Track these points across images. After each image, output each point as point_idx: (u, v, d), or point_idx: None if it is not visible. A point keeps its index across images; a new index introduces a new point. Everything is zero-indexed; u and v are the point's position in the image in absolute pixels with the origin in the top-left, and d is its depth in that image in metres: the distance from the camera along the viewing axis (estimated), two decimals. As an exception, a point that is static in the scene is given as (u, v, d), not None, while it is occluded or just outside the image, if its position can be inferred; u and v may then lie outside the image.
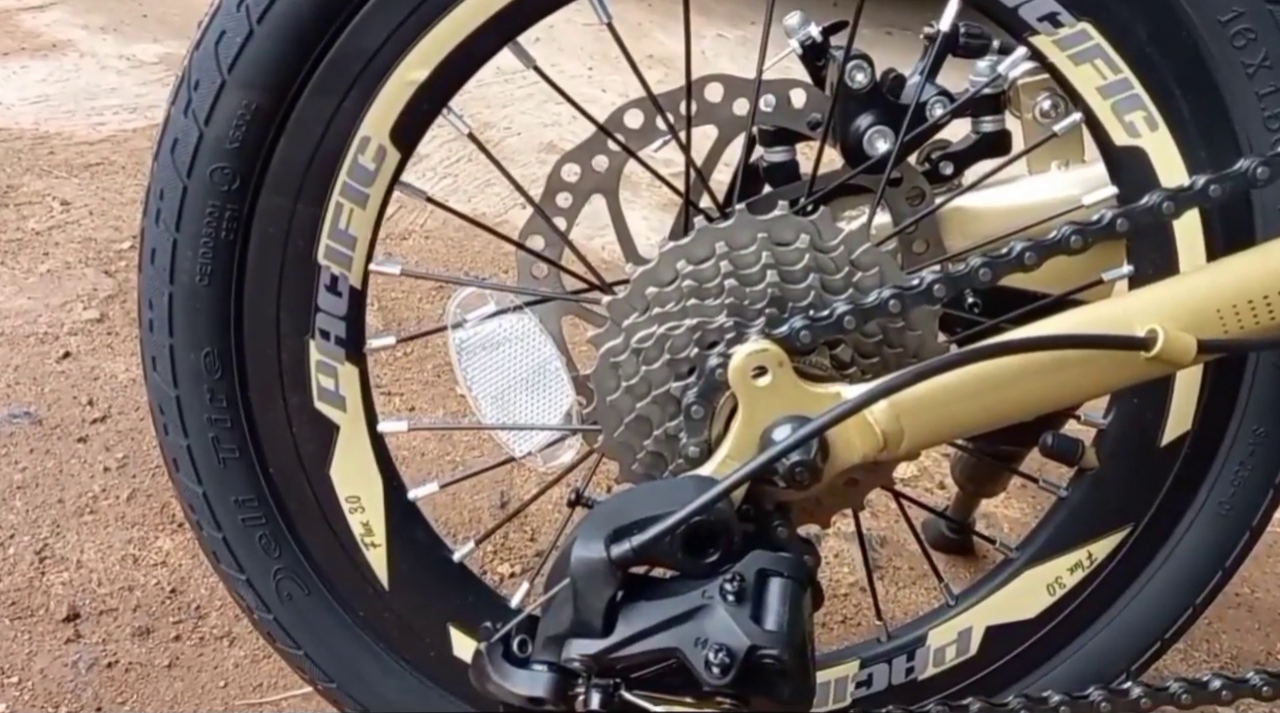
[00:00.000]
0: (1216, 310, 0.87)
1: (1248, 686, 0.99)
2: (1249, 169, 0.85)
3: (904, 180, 1.17)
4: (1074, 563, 1.13)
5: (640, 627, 0.80)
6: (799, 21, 1.17)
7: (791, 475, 0.84)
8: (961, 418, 0.89)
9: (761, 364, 0.88)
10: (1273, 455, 1.07)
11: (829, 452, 0.88)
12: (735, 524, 0.83)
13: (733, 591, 0.81)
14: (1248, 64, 0.95)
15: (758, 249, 0.93)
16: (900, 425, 0.87)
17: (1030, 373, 0.88)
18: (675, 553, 0.82)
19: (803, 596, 0.83)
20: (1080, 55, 0.96)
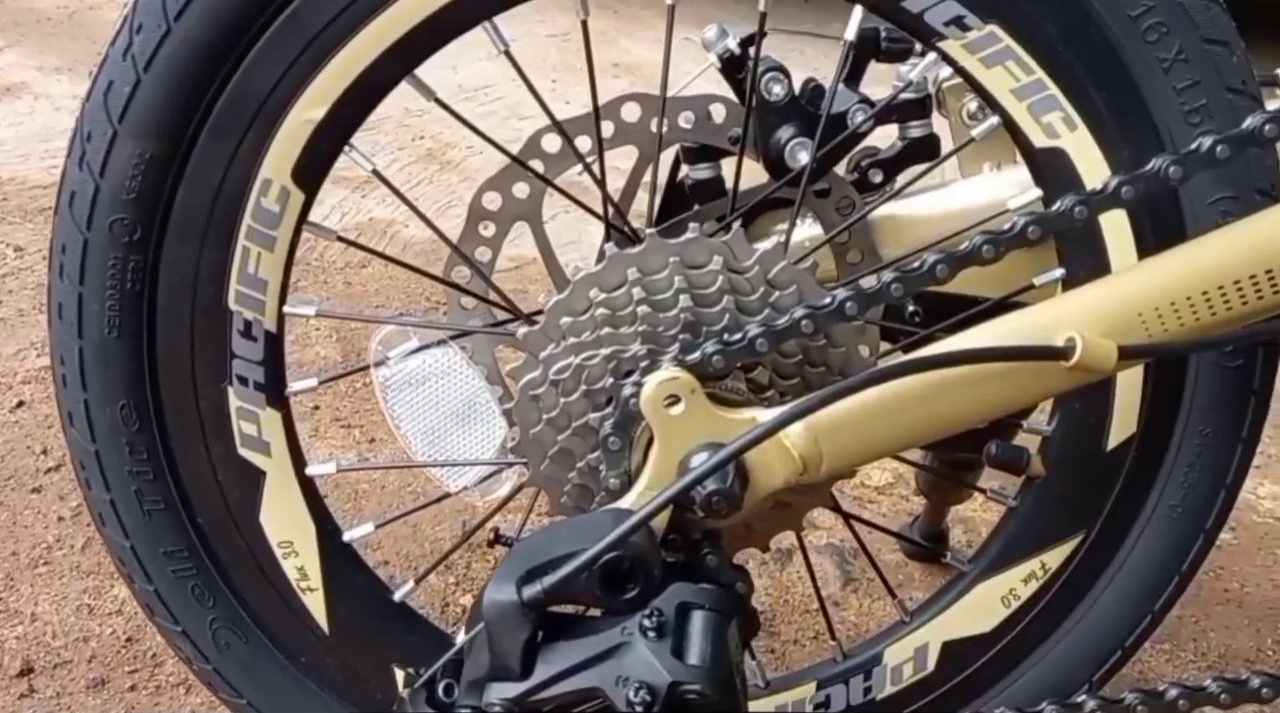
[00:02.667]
0: (1139, 314, 0.85)
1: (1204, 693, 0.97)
2: (1161, 168, 0.83)
3: (832, 191, 1.15)
4: (1027, 574, 1.11)
5: (560, 668, 0.79)
6: (716, 34, 1.15)
7: (709, 505, 0.82)
8: (883, 437, 0.87)
9: (673, 392, 0.86)
10: (1222, 456, 1.05)
11: (749, 478, 0.86)
12: (654, 558, 0.81)
13: (652, 626, 0.79)
14: (1162, 59, 0.93)
15: (670, 274, 0.92)
16: (819, 448, 0.86)
17: (951, 388, 0.86)
18: (594, 590, 0.80)
19: (727, 627, 0.81)
20: (991, 58, 0.95)
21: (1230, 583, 1.90)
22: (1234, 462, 1.05)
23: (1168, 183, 0.84)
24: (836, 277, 1.13)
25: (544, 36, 3.63)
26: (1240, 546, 2.00)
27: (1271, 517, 2.08)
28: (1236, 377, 1.02)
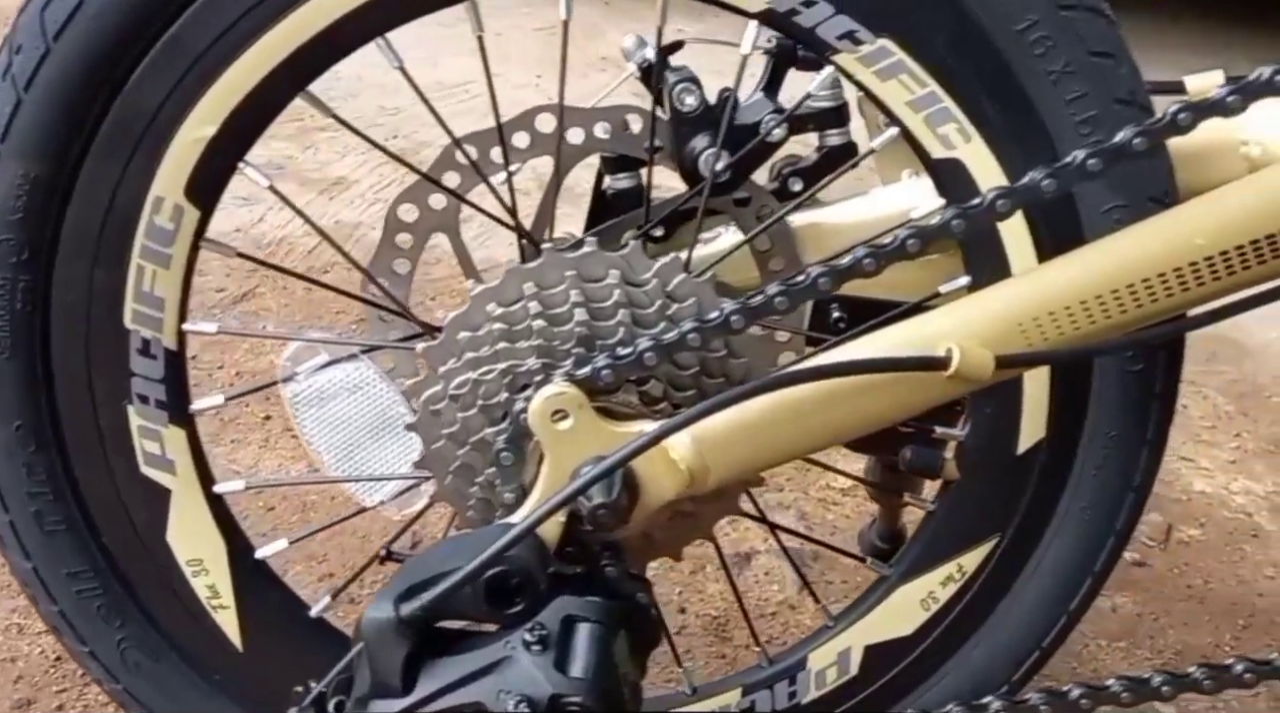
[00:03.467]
0: (1018, 324, 0.86)
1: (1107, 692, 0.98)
2: (1035, 182, 0.84)
3: (753, 200, 1.15)
4: (945, 576, 1.12)
5: (441, 683, 0.80)
6: (634, 44, 1.16)
7: (595, 518, 0.83)
8: (770, 448, 0.87)
9: (560, 407, 0.87)
10: (1129, 458, 1.06)
11: (638, 491, 0.86)
12: (538, 572, 0.82)
13: (534, 640, 0.80)
14: (1050, 71, 0.94)
15: (566, 288, 0.92)
16: (705, 460, 0.86)
17: (836, 398, 0.87)
18: (479, 605, 0.81)
19: (614, 639, 0.82)
20: (885, 71, 0.95)
21: (1194, 579, 1.90)
22: (1140, 464, 1.06)
23: (1042, 196, 0.84)
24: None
25: (531, 30, 3.62)
26: (1208, 542, 2.00)
27: (1243, 513, 2.08)
28: (1138, 381, 1.03)
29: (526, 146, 1.14)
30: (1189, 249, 0.87)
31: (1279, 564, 1.96)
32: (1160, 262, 0.87)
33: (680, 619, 1.68)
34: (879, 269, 0.86)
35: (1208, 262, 0.87)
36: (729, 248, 1.07)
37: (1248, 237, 0.87)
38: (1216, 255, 0.87)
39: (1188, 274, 0.87)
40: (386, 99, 3.03)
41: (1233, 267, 0.87)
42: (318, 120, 3.08)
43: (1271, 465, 2.23)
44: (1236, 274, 0.88)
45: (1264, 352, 2.61)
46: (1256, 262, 0.88)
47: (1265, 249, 0.87)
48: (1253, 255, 0.87)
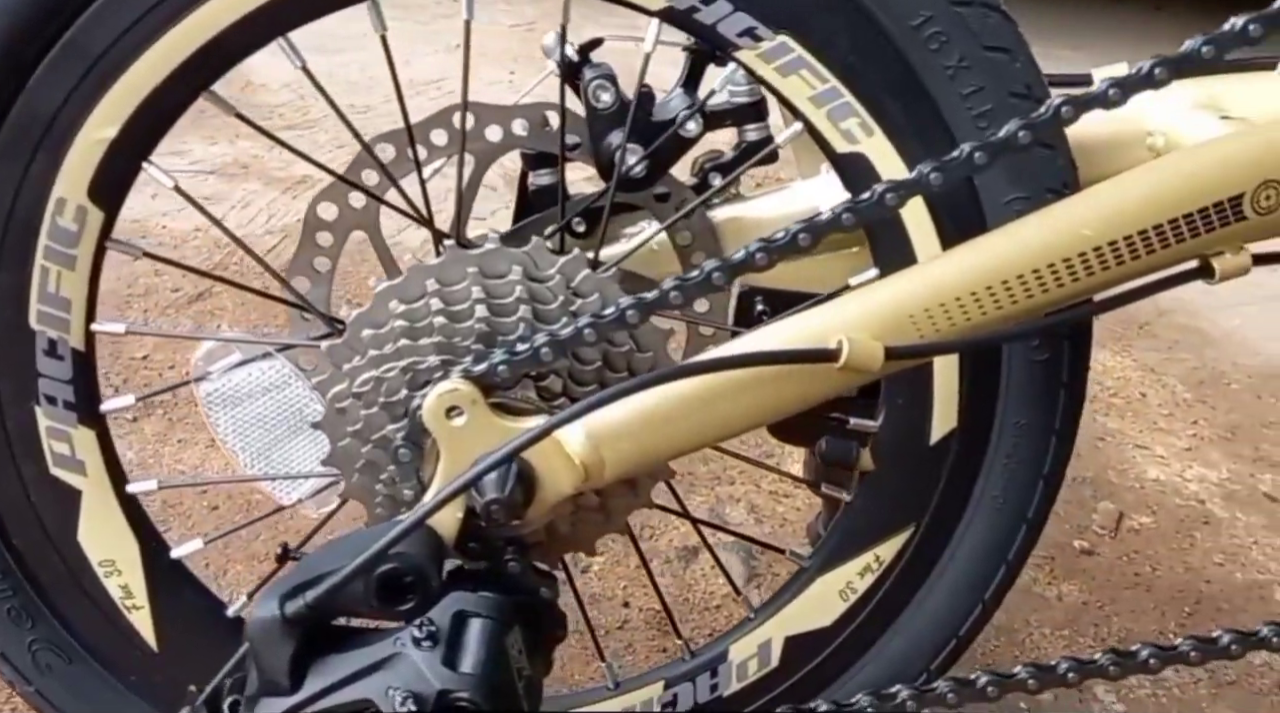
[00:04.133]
0: (909, 316, 0.87)
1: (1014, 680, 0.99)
2: (922, 177, 0.84)
3: (672, 195, 1.16)
4: (863, 567, 1.13)
5: (329, 681, 0.80)
6: (554, 41, 1.16)
7: (489, 514, 0.84)
8: (665, 442, 0.88)
9: (454, 404, 0.87)
10: (1038, 447, 1.07)
11: (535, 485, 0.87)
12: (430, 568, 0.82)
13: (423, 636, 0.80)
14: (946, 66, 0.95)
15: (468, 285, 0.93)
16: (600, 454, 0.87)
17: (731, 391, 0.87)
18: (370, 602, 0.82)
19: (506, 634, 0.83)
20: (786, 67, 0.96)
21: (1142, 567, 1.91)
22: (1049, 452, 1.07)
23: (930, 189, 0.85)
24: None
25: (507, 27, 3.63)
26: (1158, 529, 2.01)
27: (1195, 500, 2.09)
28: (1045, 370, 1.04)
29: (444, 144, 1.14)
30: (1077, 240, 0.88)
31: (1228, 551, 1.96)
32: (1048, 253, 0.88)
33: (624, 614, 1.69)
34: (771, 263, 0.86)
35: (1096, 252, 0.88)
36: (637, 244, 1.07)
37: (1135, 227, 0.87)
38: (1105, 246, 0.88)
39: (1077, 265, 0.88)
40: (356, 97, 3.04)
41: (1122, 257, 0.88)
42: (287, 118, 3.09)
43: (1227, 452, 2.24)
44: (1126, 264, 0.89)
45: (1226, 340, 2.63)
46: (1145, 252, 0.88)
47: (1154, 239, 0.88)
48: (1141, 246, 0.88)
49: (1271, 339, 2.63)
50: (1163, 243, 0.89)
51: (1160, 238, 0.88)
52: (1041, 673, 0.98)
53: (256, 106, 3.20)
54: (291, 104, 3.19)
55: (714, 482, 2.01)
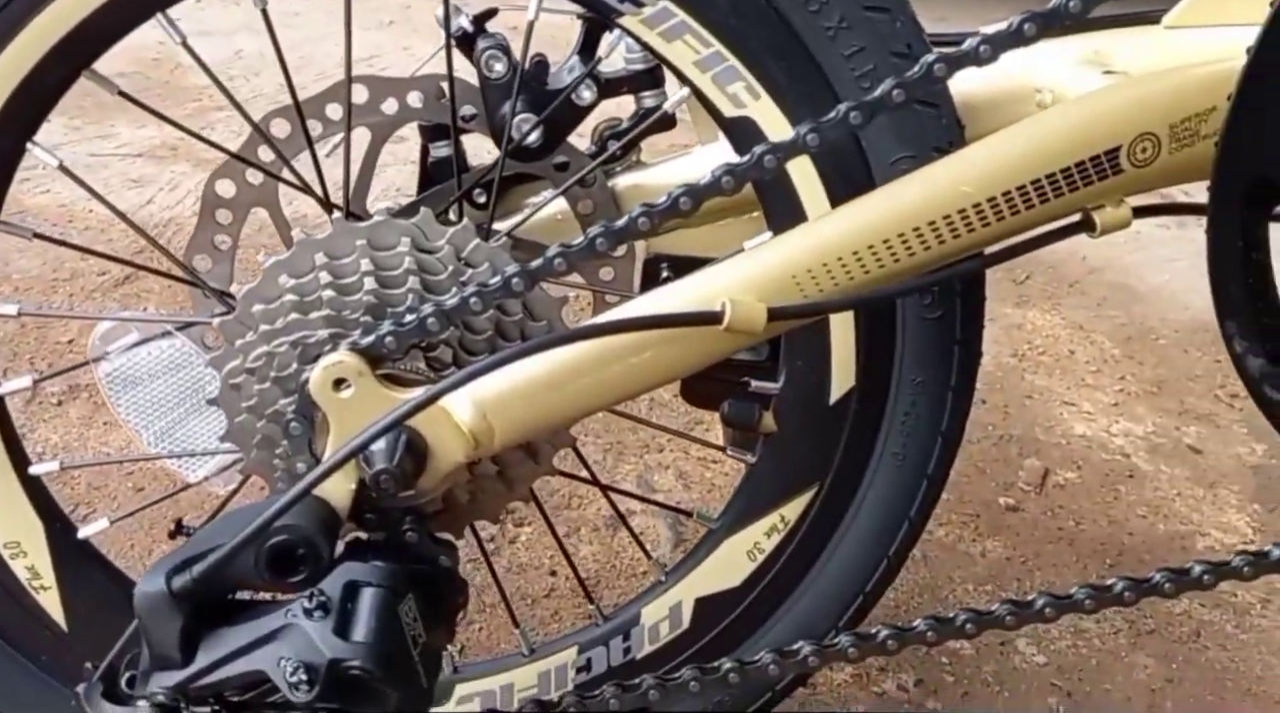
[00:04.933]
0: (792, 277, 0.88)
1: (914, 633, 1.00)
2: (800, 138, 0.85)
3: (571, 163, 1.17)
4: (769, 527, 1.14)
5: (221, 653, 0.80)
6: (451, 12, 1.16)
7: (378, 484, 0.84)
8: (554, 408, 0.89)
9: (340, 376, 0.88)
10: (935, 404, 1.08)
11: (425, 455, 0.88)
12: (320, 539, 0.82)
13: (314, 606, 0.81)
14: (827, 27, 0.95)
15: (356, 258, 0.93)
16: (488, 422, 0.87)
17: (618, 356, 0.88)
18: (262, 575, 0.82)
19: (398, 603, 0.83)
20: (669, 32, 0.97)
21: (1065, 522, 1.94)
22: (947, 409, 1.08)
23: (807, 150, 0.86)
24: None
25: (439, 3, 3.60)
26: (1083, 484, 2.04)
27: (1120, 454, 2.12)
28: (939, 328, 1.05)
29: (339, 118, 1.14)
30: (956, 197, 0.89)
31: (1152, 504, 2.00)
32: (928, 211, 0.89)
33: (550, 582, 1.70)
34: (655, 228, 0.87)
35: (976, 209, 0.89)
36: (528, 213, 1.07)
37: (1012, 183, 0.89)
38: (984, 202, 0.89)
39: (957, 222, 0.89)
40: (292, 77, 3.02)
41: (1001, 213, 0.89)
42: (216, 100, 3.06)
43: (1153, 406, 2.27)
44: (1006, 220, 0.90)
45: (1155, 296, 2.67)
46: (1025, 207, 0.90)
47: (1032, 195, 0.89)
48: (1020, 201, 0.89)
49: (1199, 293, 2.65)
50: (1041, 198, 0.90)
51: (1039, 193, 0.90)
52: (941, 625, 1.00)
53: (186, 88, 3.17)
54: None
55: (643, 450, 2.02)
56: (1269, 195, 0.88)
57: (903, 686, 1.56)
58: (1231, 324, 0.91)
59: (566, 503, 1.84)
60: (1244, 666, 1.63)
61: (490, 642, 1.57)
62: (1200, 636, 1.69)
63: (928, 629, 1.01)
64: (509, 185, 1.20)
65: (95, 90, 1.01)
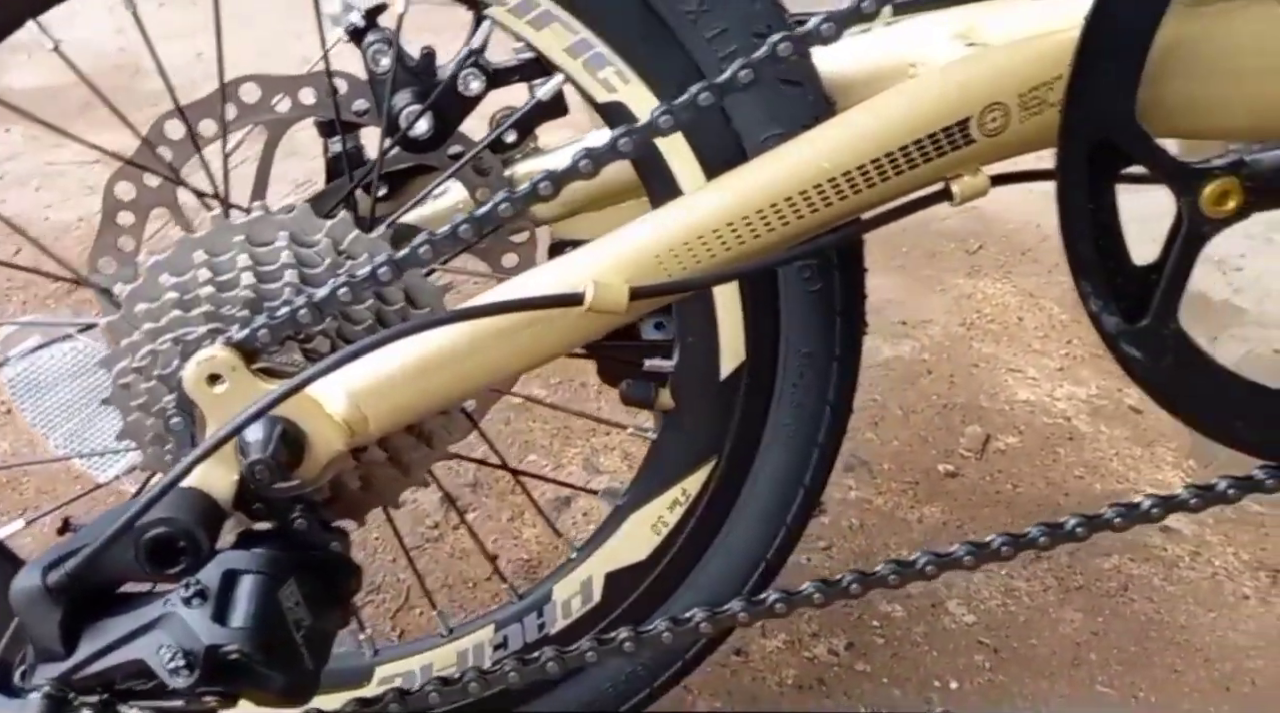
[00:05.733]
0: (655, 257, 0.90)
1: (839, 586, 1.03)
2: (655, 120, 0.88)
3: (466, 153, 1.19)
4: (672, 500, 1.17)
5: (101, 644, 0.83)
6: (341, 8, 1.18)
7: (253, 474, 0.87)
8: (427, 393, 0.91)
9: (214, 371, 0.90)
10: (821, 374, 1.11)
11: (304, 444, 0.90)
12: (198, 531, 0.85)
13: (191, 594, 0.84)
14: (688, 11, 0.98)
15: (235, 254, 0.95)
16: (361, 410, 0.90)
17: (488, 340, 0.91)
18: (142, 567, 0.85)
19: (278, 588, 0.86)
20: (537, 20, 0.99)
21: (1003, 485, 1.97)
22: (832, 379, 1.11)
23: (662, 133, 0.88)
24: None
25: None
26: (1024, 447, 2.07)
27: (1062, 417, 2.15)
28: (819, 300, 1.08)
29: (234, 117, 1.16)
30: (814, 172, 0.91)
31: (1090, 464, 2.03)
32: (787, 186, 0.92)
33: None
34: (518, 214, 0.90)
35: (832, 183, 0.92)
36: (411, 203, 1.10)
37: (867, 157, 0.91)
38: (840, 177, 0.91)
39: (814, 196, 0.92)
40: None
41: (858, 186, 0.92)
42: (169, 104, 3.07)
43: (1098, 369, 2.30)
44: (863, 193, 0.93)
45: (1105, 259, 2.67)
46: (880, 179, 0.92)
47: (887, 168, 0.92)
48: (875, 175, 0.92)
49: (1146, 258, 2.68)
50: (895, 171, 0.93)
51: (893, 166, 0.92)
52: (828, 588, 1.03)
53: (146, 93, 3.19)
54: (181, 89, 3.18)
55: (589, 433, 2.05)
56: (1113, 158, 0.90)
57: (833, 649, 1.59)
58: (1086, 284, 0.93)
59: (512, 487, 1.86)
60: (1169, 617, 1.66)
61: (432, 625, 1.59)
62: (1128, 589, 1.72)
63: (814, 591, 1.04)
64: (410, 178, 1.22)
65: (55, 100, 1.03)
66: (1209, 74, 0.92)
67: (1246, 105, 0.93)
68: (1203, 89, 0.93)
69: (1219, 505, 1.03)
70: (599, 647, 1.04)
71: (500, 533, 1.80)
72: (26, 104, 1.17)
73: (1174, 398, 0.97)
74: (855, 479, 1.96)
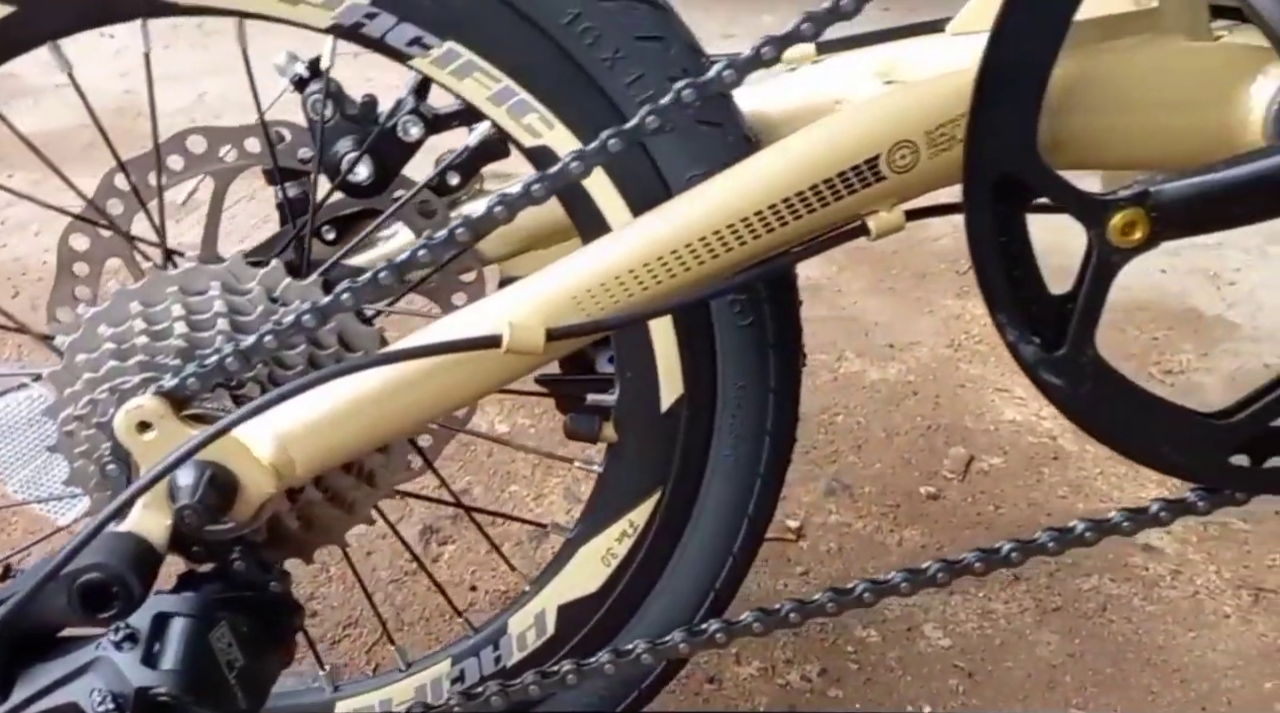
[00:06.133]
0: (573, 297, 0.92)
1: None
2: (567, 165, 0.90)
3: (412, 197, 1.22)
4: (620, 533, 1.19)
5: (35, 688, 0.86)
6: (286, 60, 1.21)
7: (183, 519, 0.89)
8: (355, 436, 0.94)
9: (143, 419, 0.93)
10: (758, 405, 1.13)
11: (235, 488, 0.93)
12: (129, 576, 0.88)
13: (120, 639, 0.86)
14: (604, 58, 1.00)
15: (169, 304, 0.98)
16: (288, 454, 0.92)
17: (413, 382, 0.93)
18: (75, 612, 0.87)
19: (209, 630, 0.88)
20: (460, 70, 1.02)
21: (986, 507, 1.97)
22: (769, 411, 1.12)
23: (574, 178, 0.91)
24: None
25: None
26: (1008, 468, 2.07)
27: (1047, 436, 2.15)
28: (752, 334, 1.10)
29: (181, 168, 1.19)
30: (726, 213, 0.94)
31: (1074, 484, 2.03)
32: (700, 226, 0.94)
33: (471, 596, 1.75)
34: (434, 260, 0.92)
35: (745, 222, 0.94)
36: (344, 250, 1.12)
37: (779, 196, 0.93)
38: (752, 216, 0.94)
39: (727, 236, 0.94)
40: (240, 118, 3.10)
41: (770, 225, 0.94)
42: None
43: (1086, 389, 2.28)
44: (776, 232, 0.95)
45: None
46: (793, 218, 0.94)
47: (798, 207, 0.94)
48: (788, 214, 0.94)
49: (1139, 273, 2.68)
50: (808, 208, 0.95)
51: (805, 204, 0.94)
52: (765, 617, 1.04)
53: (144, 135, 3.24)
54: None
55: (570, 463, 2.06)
56: (1019, 191, 0.92)
57: (806, 676, 1.60)
58: (1000, 315, 0.95)
59: (492, 519, 1.89)
60: (1147, 637, 1.67)
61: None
62: (1106, 609, 1.72)
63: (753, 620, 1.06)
64: (358, 222, 1.25)
65: (57, 144, 1.07)
66: (1109, 108, 0.94)
67: (1146, 137, 0.95)
68: (1104, 122, 0.95)
69: (1151, 528, 1.04)
70: (542, 680, 1.06)
71: (479, 565, 1.83)
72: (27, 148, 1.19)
73: (1097, 424, 0.99)
74: (836, 504, 1.97)
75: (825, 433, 2.16)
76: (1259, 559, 1.85)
